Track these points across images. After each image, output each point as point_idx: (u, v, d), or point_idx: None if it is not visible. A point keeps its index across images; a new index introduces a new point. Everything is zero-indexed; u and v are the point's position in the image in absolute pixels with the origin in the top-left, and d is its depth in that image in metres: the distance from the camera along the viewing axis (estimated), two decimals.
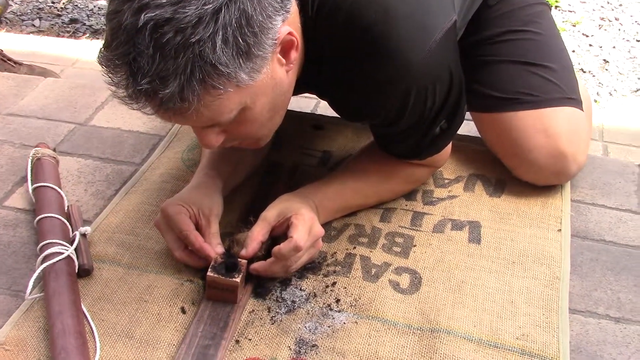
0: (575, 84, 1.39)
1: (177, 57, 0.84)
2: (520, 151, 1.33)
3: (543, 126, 1.31)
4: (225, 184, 1.25)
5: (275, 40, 0.93)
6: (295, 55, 1.00)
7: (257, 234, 1.12)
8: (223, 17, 0.85)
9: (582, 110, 1.36)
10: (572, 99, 1.36)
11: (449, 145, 1.30)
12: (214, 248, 1.12)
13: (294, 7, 0.99)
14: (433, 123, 1.17)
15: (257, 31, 0.89)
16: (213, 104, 0.90)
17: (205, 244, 1.11)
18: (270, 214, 1.14)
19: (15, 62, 2.02)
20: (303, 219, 1.11)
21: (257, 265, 1.12)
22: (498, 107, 1.36)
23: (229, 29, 0.85)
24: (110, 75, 0.90)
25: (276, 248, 1.09)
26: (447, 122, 1.18)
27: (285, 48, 0.97)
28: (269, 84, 0.97)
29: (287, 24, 0.95)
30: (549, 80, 1.36)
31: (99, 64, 0.91)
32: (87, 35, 2.57)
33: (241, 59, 0.88)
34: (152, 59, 0.84)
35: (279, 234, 1.14)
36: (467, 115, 1.30)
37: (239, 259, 1.10)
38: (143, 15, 0.83)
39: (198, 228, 1.14)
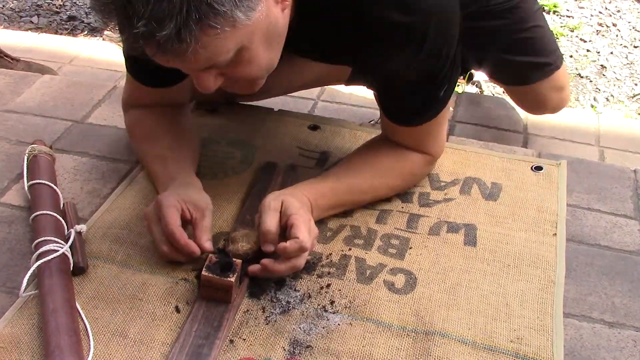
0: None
1: None
2: (539, 105, 1.78)
3: (558, 84, 1.73)
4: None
5: None
6: None
7: (271, 226, 1.10)
8: None
9: None
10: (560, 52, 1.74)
11: (444, 133, 1.32)
12: (204, 243, 1.12)
13: None
14: (444, 77, 1.18)
15: None
16: (211, 45, 0.90)
17: (189, 240, 1.11)
18: (275, 203, 1.12)
19: (12, 59, 2.02)
20: (303, 220, 1.10)
21: (255, 268, 1.12)
22: (529, 80, 1.72)
23: None
24: (105, 20, 0.89)
25: (281, 245, 1.08)
26: (448, 80, 1.20)
27: None
28: (265, 22, 0.96)
29: None
30: (551, 39, 1.72)
31: (92, 9, 0.90)
32: (85, 32, 2.57)
33: None
34: (147, 1, 0.83)
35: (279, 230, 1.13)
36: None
37: (234, 259, 1.10)
38: None
39: (191, 223, 1.14)
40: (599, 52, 2.56)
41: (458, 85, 1.57)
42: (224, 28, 0.88)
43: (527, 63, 1.70)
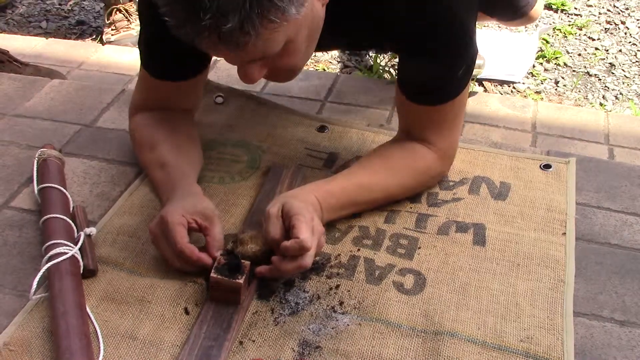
0: None
1: None
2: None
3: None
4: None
5: None
6: None
7: (277, 234, 1.11)
8: None
9: None
10: None
11: (458, 132, 1.34)
12: (215, 254, 1.12)
13: None
14: (462, 55, 1.22)
15: None
16: (268, 37, 0.97)
17: (200, 254, 1.12)
18: (275, 209, 1.14)
19: (21, 63, 2.03)
20: (305, 219, 1.10)
21: (263, 269, 1.12)
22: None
23: None
24: (170, 14, 0.96)
25: (283, 245, 1.09)
26: (465, 60, 1.24)
27: None
28: (309, 17, 1.04)
29: None
30: None
31: (156, 4, 0.97)
32: (94, 37, 2.58)
33: None
34: None
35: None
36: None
37: (243, 261, 1.10)
38: None
39: (202, 232, 1.15)
40: (607, 50, 2.55)
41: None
42: (282, 22, 0.96)
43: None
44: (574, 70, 2.41)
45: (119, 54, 2.25)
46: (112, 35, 2.46)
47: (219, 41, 0.95)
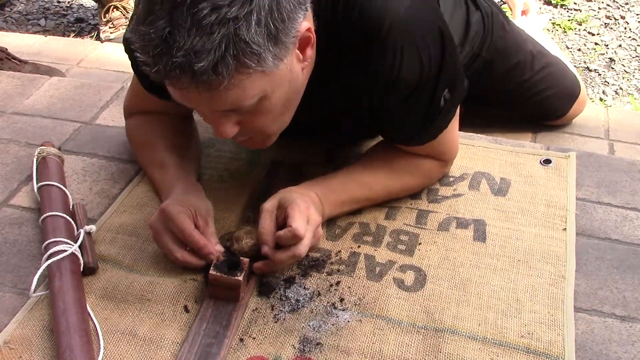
0: None
1: (213, 33, 0.87)
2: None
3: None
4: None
5: (297, 33, 0.96)
6: (310, 52, 1.04)
7: (269, 227, 1.12)
8: None
9: None
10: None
11: (457, 139, 1.31)
12: (215, 246, 1.12)
13: (310, 8, 1.01)
14: (434, 91, 1.16)
15: (285, 18, 0.92)
16: (241, 83, 0.93)
17: (207, 241, 1.12)
18: (269, 204, 1.14)
19: (20, 61, 2.02)
20: (299, 208, 1.10)
21: (260, 264, 1.12)
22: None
23: (262, 11, 0.89)
24: (141, 51, 0.92)
25: (277, 235, 1.10)
26: (449, 90, 1.18)
27: (303, 44, 1.01)
28: (287, 76, 1.00)
29: (305, 21, 0.99)
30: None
31: (127, 40, 0.94)
32: (92, 34, 2.58)
33: (270, 42, 0.92)
34: (189, 33, 0.87)
35: (278, 225, 1.13)
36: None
37: (241, 258, 1.10)
38: None
39: (197, 229, 1.14)
40: (607, 45, 2.55)
41: None
42: (256, 69, 0.92)
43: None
44: (574, 66, 2.41)
45: (118, 51, 2.25)
46: (110, 32, 2.46)
47: (191, 81, 0.90)
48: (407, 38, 1.09)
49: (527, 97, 1.74)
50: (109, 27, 2.47)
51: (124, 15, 2.48)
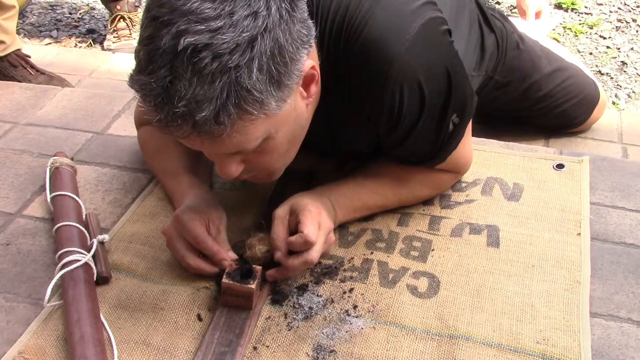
0: None
1: (214, 82, 0.85)
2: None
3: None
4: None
5: (301, 72, 0.95)
6: (315, 89, 1.03)
7: (281, 233, 1.12)
8: (259, 45, 0.87)
9: None
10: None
11: (471, 149, 1.30)
12: (227, 252, 1.13)
13: (314, 44, 1.01)
14: (443, 119, 1.15)
15: (287, 61, 0.91)
16: (244, 130, 0.92)
17: (220, 247, 1.12)
18: (282, 210, 1.14)
19: (35, 70, 2.05)
20: (310, 214, 1.11)
21: (273, 271, 1.12)
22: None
23: (263, 57, 0.88)
24: (143, 98, 0.91)
25: (288, 240, 1.10)
26: (458, 115, 1.17)
27: (307, 81, 1.00)
28: (291, 115, 0.99)
29: (309, 58, 0.98)
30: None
31: (131, 87, 0.92)
32: (104, 45, 2.59)
33: (273, 87, 0.90)
34: (190, 82, 0.85)
35: (291, 231, 1.13)
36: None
37: (254, 265, 1.10)
38: (182, 39, 0.84)
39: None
40: (619, 49, 2.53)
41: None
42: (259, 115, 0.91)
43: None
44: None
45: (130, 61, 2.26)
46: (113, 42, 2.48)
47: (193, 130, 0.89)
48: (407, 78, 1.07)
49: (547, 111, 1.72)
50: (113, 37, 2.49)
51: (128, 27, 2.50)
